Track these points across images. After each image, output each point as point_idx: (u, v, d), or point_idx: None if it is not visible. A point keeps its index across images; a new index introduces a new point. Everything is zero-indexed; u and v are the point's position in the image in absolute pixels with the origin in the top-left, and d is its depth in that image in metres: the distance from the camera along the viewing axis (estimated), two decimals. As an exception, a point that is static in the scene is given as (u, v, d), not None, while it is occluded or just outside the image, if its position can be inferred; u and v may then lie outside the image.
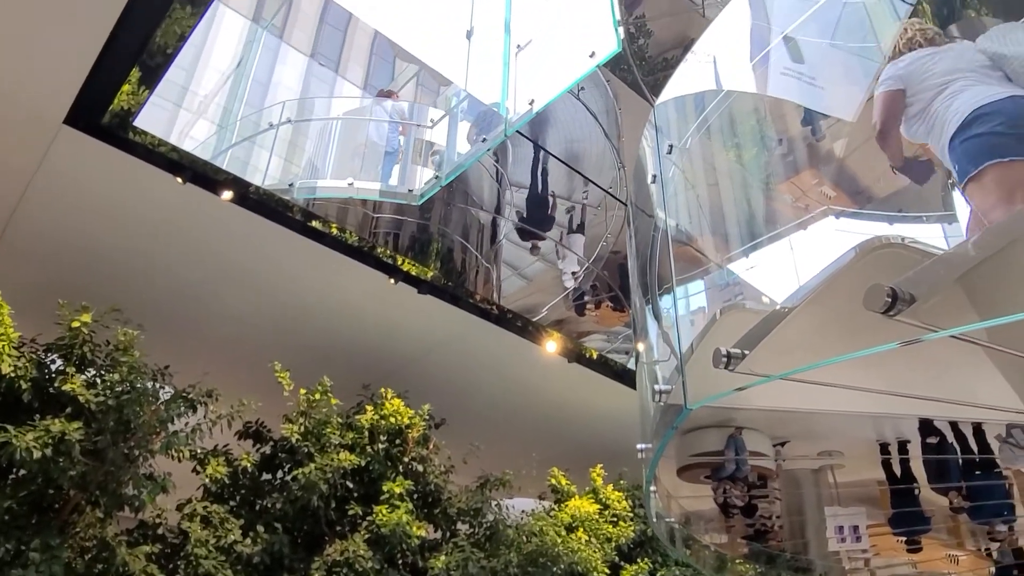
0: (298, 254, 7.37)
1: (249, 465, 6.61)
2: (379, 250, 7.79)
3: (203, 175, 6.66)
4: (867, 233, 4.03)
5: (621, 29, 6.13)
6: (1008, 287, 3.04)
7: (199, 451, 6.26)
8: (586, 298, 11.13)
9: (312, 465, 6.41)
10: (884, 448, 5.97)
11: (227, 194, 6.74)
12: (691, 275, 4.28)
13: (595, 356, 9.35)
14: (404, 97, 10.22)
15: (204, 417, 5.83)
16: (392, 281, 7.72)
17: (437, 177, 7.64)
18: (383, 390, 7.39)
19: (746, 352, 2.95)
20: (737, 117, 4.56)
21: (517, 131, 7.94)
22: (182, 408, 5.65)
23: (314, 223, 7.25)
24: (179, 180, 6.53)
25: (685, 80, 4.86)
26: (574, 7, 7.30)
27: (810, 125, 4.38)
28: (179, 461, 5.91)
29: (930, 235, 3.76)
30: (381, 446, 7.04)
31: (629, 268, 4.93)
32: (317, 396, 6.89)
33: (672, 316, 3.96)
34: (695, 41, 4.86)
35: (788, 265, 3.95)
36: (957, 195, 4.16)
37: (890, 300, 2.23)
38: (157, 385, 5.66)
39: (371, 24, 9.04)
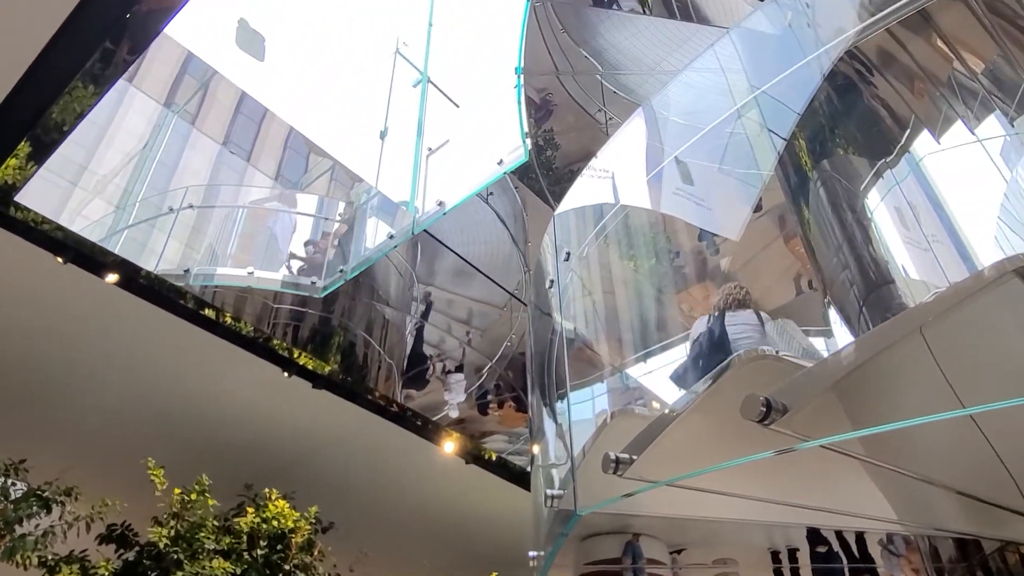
0: (186, 343, 7.02)
1: (107, 573, 5.96)
2: (275, 342, 7.53)
3: (87, 256, 6.33)
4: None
5: (529, 140, 6.43)
6: (875, 399, 3.23)
7: (50, 557, 5.62)
8: (489, 397, 11.05)
9: (180, 574, 5.85)
10: (776, 556, 6.04)
11: (112, 277, 6.41)
12: (589, 379, 4.33)
13: (494, 458, 9.19)
14: (317, 190, 10.24)
15: (60, 518, 5.27)
16: (286, 374, 7.43)
17: (342, 271, 7.58)
18: (267, 491, 6.94)
19: (634, 457, 2.96)
20: (634, 229, 4.78)
21: (426, 231, 8.04)
22: (34, 508, 5.10)
23: (207, 311, 6.97)
24: (59, 260, 6.17)
25: (584, 192, 5.09)
26: (486, 116, 7.63)
27: (706, 240, 4.65)
28: (24, 568, 5.28)
29: (818, 347, 3.98)
30: (261, 552, 6.53)
31: (527, 369, 4.96)
32: (193, 496, 6.38)
33: (566, 419, 3.97)
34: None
35: (681, 372, 4.07)
36: (832, 312, 4.46)
37: (764, 410, 2.31)
38: (8, 482, 5.11)
39: (285, 119, 9.12)
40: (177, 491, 6.37)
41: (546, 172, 8.62)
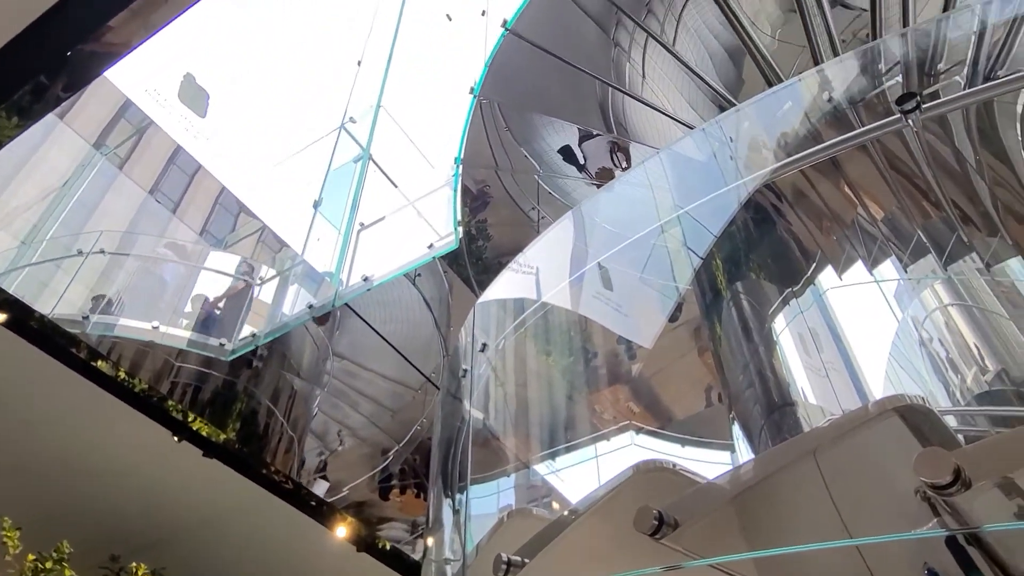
0: (70, 395, 6.56)
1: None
2: (170, 403, 7.13)
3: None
4: (661, 452, 4.26)
5: (461, 228, 6.53)
6: (770, 521, 3.28)
7: None
8: (393, 482, 10.67)
9: (19, 652, 5.25)
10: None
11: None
12: (494, 472, 4.25)
13: (388, 547, 8.79)
14: (242, 250, 10.02)
15: None
16: (176, 439, 7.00)
17: (254, 335, 7.34)
18: (134, 565, 6.39)
19: (526, 560, 2.89)
20: (553, 326, 4.84)
21: (347, 305, 7.94)
22: None
23: (99, 363, 6.57)
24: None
25: (509, 284, 5.16)
26: (423, 200, 7.74)
27: (623, 344, 4.74)
28: None
29: (718, 460, 4.05)
30: (116, 634, 5.96)
31: (432, 457, 4.85)
32: (48, 565, 5.81)
33: (464, 512, 3.86)
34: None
35: (588, 473, 4.05)
36: (736, 427, 4.56)
37: (656, 523, 2.31)
38: None
39: (219, 178, 9.01)
40: (31, 557, 5.80)
41: (475, 261, 8.76)
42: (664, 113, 5.97)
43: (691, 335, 5.26)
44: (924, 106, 3.01)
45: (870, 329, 4.73)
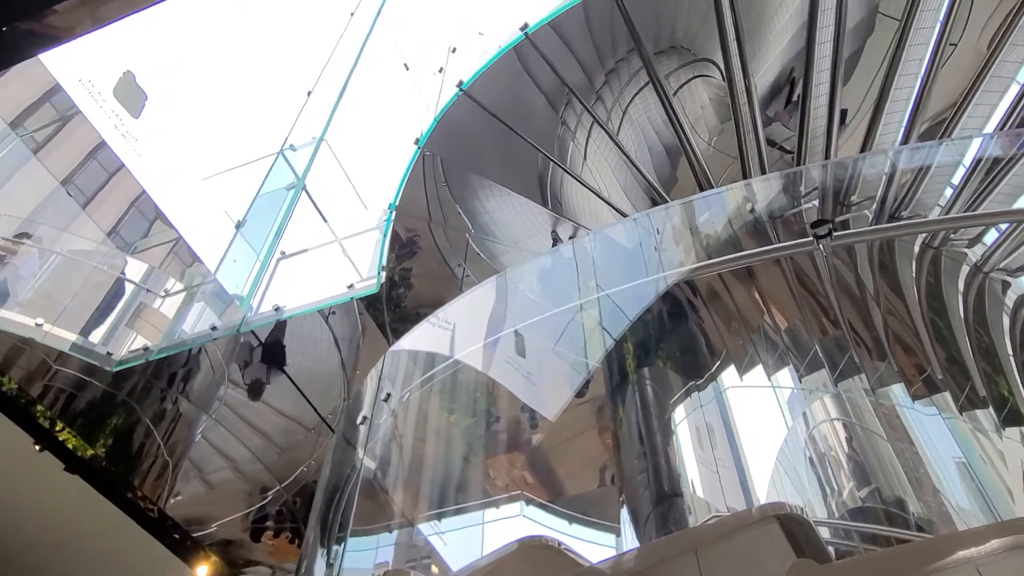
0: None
1: None
2: (39, 408, 6.61)
3: None
4: (549, 526, 4.23)
5: (385, 274, 6.47)
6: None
7: None
8: (268, 523, 10.12)
9: None
10: None
11: None
12: (377, 526, 4.12)
13: (250, 594, 8.28)
14: (152, 259, 9.56)
15: None
16: (37, 447, 6.47)
17: (147, 349, 6.95)
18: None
19: (396, 625, 2.79)
20: (461, 385, 4.81)
21: (252, 332, 7.66)
22: None
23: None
24: None
25: (423, 337, 5.12)
26: (351, 240, 7.65)
27: (527, 413, 4.74)
28: None
29: (604, 542, 4.06)
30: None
31: (314, 502, 4.66)
32: None
33: (338, 565, 3.71)
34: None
35: (473, 539, 3.97)
36: (624, 511, 4.58)
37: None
38: None
39: (140, 181, 8.66)
40: None
41: (393, 308, 8.68)
42: (599, 196, 6.18)
43: (595, 413, 5.33)
44: (835, 234, 3.24)
45: (762, 432, 4.90)
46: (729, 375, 5.23)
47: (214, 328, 6.73)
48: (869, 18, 4.97)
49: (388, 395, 4.40)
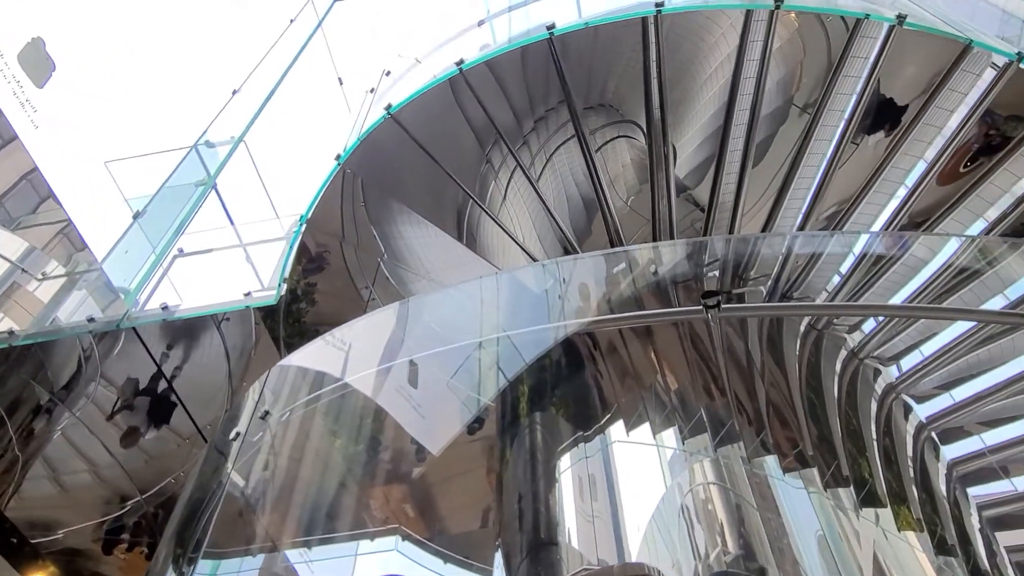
0: None
1: None
2: None
3: None
4: (422, 564, 4.12)
5: (286, 286, 6.28)
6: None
7: None
8: (124, 535, 9.43)
9: None
10: None
11: None
12: (237, 549, 3.90)
13: (90, 611, 7.65)
14: (35, 237, 8.91)
15: None
16: None
17: (12, 333, 6.44)
18: None
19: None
20: (348, 408, 4.68)
21: (135, 329, 7.23)
22: None
23: None
24: None
25: (316, 355, 4.97)
26: (257, 247, 7.40)
27: (416, 445, 4.65)
28: None
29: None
30: None
31: (172, 516, 4.37)
32: None
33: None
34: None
35: (342, 571, 3.83)
36: (499, 555, 4.53)
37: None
38: None
39: (33, 155, 8.11)
40: None
41: (291, 322, 8.41)
42: (512, 238, 6.24)
43: (485, 451, 5.29)
44: (724, 306, 3.39)
45: (641, 488, 4.99)
46: (617, 429, 5.31)
47: (91, 320, 6.31)
48: (784, 107, 5.29)
49: (267, 412, 4.21)
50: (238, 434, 4.09)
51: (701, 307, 3.40)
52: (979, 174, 4.93)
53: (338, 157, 6.06)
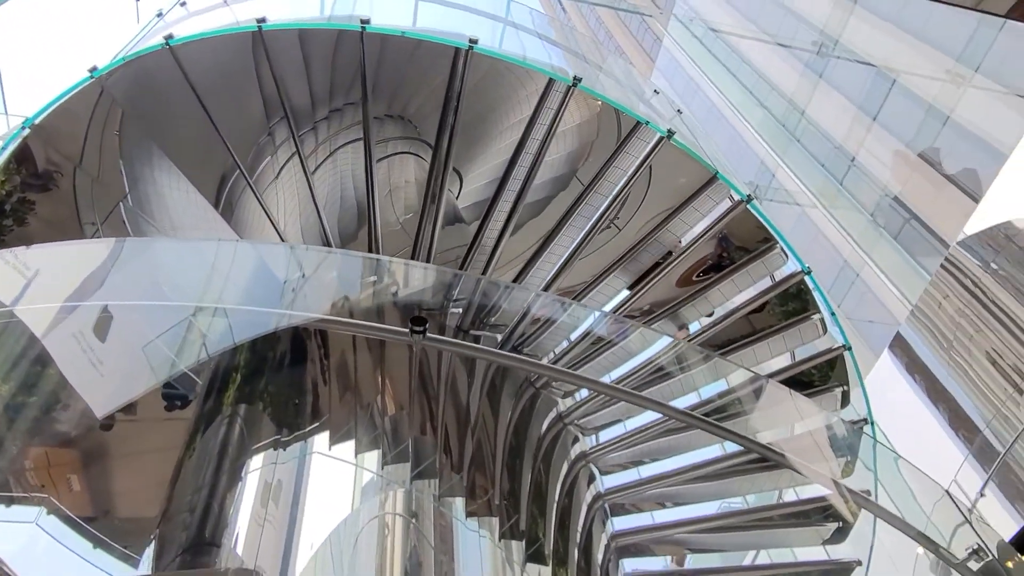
0: None
1: None
2: None
3: None
4: (66, 543, 3.60)
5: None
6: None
7: None
8: None
9: None
10: None
11: None
12: None
13: None
14: None
15: None
16: None
17: None
18: None
19: None
20: (20, 349, 4.03)
21: None
22: None
23: None
24: None
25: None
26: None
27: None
28: None
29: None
30: None
31: None
32: None
33: None
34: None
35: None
36: (150, 549, 4.09)
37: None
38: None
39: None
40: None
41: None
42: (272, 221, 5.90)
43: (183, 432, 4.83)
44: (428, 335, 3.47)
45: (327, 505, 4.83)
46: (321, 440, 5.11)
47: None
48: (569, 176, 5.61)
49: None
50: None
51: (407, 331, 3.44)
52: (704, 285, 5.58)
53: (93, 70, 5.33)
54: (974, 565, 3.59)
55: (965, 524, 4.42)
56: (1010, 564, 3.97)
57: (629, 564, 5.60)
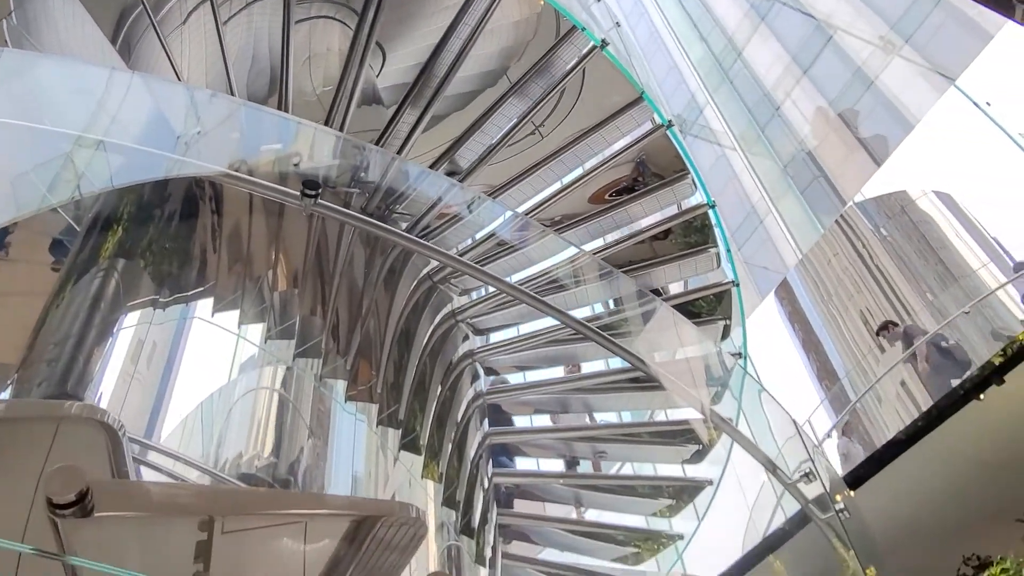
0: None
1: None
2: None
3: None
4: None
5: None
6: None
7: None
8: None
9: None
10: None
11: None
12: None
13: None
14: None
15: None
16: None
17: None
18: None
19: None
20: None
21: None
22: None
23: None
24: None
25: None
26: None
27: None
28: None
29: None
30: None
31: None
32: None
33: None
34: None
35: None
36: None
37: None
38: None
39: None
40: None
41: None
42: (175, 69, 5.43)
43: (56, 277, 4.54)
44: (320, 201, 3.32)
45: (203, 373, 4.72)
46: (204, 306, 4.93)
47: None
48: (499, 72, 5.39)
49: None
50: None
51: (298, 193, 3.28)
52: (616, 203, 5.61)
53: None
54: (803, 487, 3.91)
55: (809, 460, 4.78)
56: (839, 498, 4.37)
57: (499, 463, 5.82)
